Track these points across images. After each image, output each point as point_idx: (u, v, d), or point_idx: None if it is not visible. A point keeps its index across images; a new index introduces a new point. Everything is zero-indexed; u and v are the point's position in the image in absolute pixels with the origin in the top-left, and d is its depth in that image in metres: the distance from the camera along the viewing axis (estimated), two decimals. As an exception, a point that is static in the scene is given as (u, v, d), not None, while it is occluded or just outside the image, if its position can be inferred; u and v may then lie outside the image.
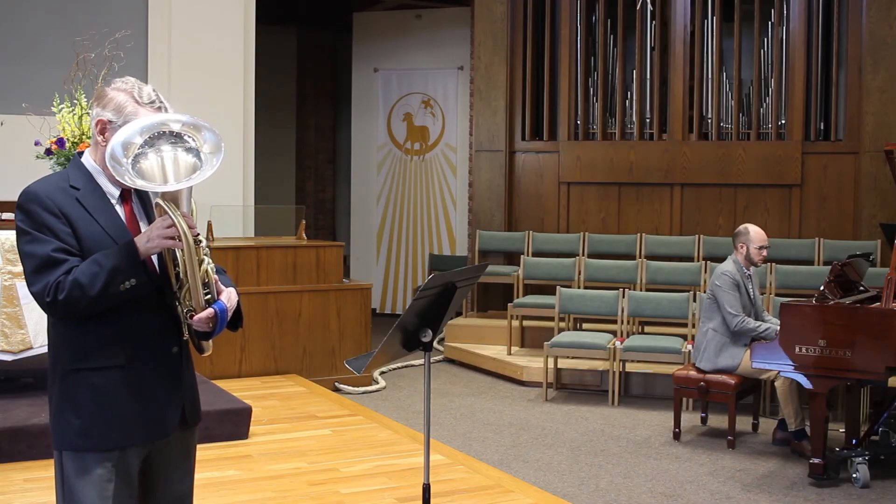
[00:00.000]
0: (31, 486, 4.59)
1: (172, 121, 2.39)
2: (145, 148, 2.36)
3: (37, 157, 6.13)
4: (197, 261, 2.38)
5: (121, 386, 2.43)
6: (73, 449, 2.42)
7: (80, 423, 2.41)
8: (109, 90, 2.49)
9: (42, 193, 2.39)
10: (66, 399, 2.42)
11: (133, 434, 2.45)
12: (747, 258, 6.09)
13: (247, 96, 8.69)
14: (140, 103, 2.47)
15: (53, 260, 2.34)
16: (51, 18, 8.03)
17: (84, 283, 2.31)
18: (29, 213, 2.38)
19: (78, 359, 2.41)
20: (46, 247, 2.35)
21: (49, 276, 2.33)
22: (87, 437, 2.41)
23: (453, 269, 3.11)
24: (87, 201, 2.43)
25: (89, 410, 2.41)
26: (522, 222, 9.40)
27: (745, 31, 8.81)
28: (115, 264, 2.34)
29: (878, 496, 5.07)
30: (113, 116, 2.45)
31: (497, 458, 5.68)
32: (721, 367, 6.03)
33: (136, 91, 2.48)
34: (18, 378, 5.68)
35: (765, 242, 6.09)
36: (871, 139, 8.27)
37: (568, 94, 9.24)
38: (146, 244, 2.37)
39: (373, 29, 11.62)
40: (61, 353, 2.44)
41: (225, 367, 7.06)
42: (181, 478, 2.60)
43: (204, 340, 2.58)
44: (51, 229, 2.36)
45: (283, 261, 7.39)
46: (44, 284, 2.33)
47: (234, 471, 4.93)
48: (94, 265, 2.34)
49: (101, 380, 2.42)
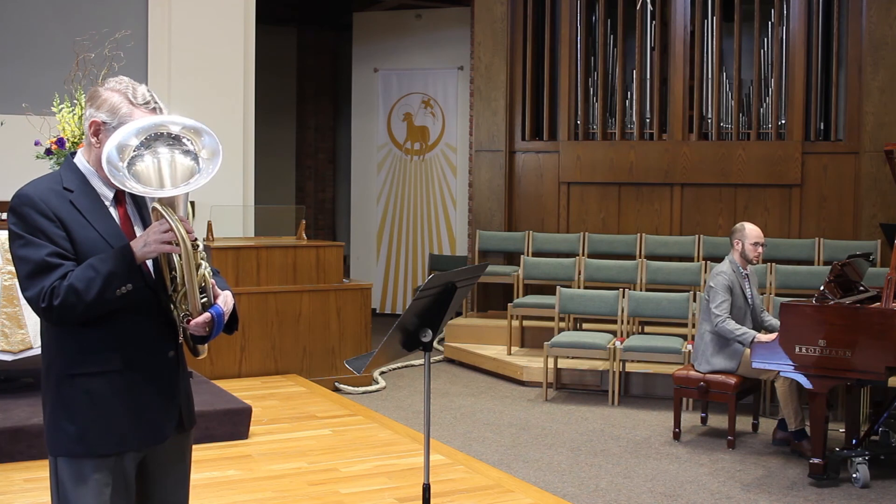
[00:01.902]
0: (31, 486, 4.59)
1: (171, 123, 2.36)
2: (141, 150, 2.32)
3: (37, 157, 6.13)
4: (195, 265, 2.36)
5: (117, 391, 2.40)
6: (68, 455, 2.38)
7: (76, 429, 2.37)
8: (103, 91, 2.45)
9: (35, 196, 2.35)
10: (61, 405, 2.39)
11: (130, 439, 2.42)
12: (743, 255, 6.08)
13: (247, 96, 8.69)
14: (135, 104, 2.43)
15: (48, 264, 2.30)
16: (51, 18, 8.03)
17: (80, 289, 2.28)
18: (22, 217, 2.33)
19: (73, 364, 2.38)
20: (41, 251, 2.31)
21: (43, 281, 2.29)
22: (83, 442, 2.38)
23: (453, 269, 3.11)
24: (81, 204, 2.39)
25: (85, 416, 2.38)
26: (522, 222, 9.40)
27: (745, 31, 8.81)
28: (112, 269, 2.30)
29: (878, 496, 5.07)
30: (107, 118, 2.41)
31: (497, 458, 5.68)
32: (717, 369, 6.03)
33: (130, 92, 2.44)
34: (18, 378, 5.68)
35: (760, 239, 6.08)
36: (871, 139, 8.27)
37: (568, 94, 9.24)
38: (143, 249, 2.33)
39: (373, 29, 11.62)
40: (55, 357, 2.40)
41: (225, 367, 7.07)
42: (176, 482, 2.59)
43: (200, 344, 2.57)
44: (45, 233, 2.32)
45: (283, 261, 7.39)
46: (38, 289, 2.29)
47: (234, 471, 4.93)
48: (90, 270, 2.30)
49: (96, 385, 2.38)
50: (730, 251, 6.16)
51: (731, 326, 5.88)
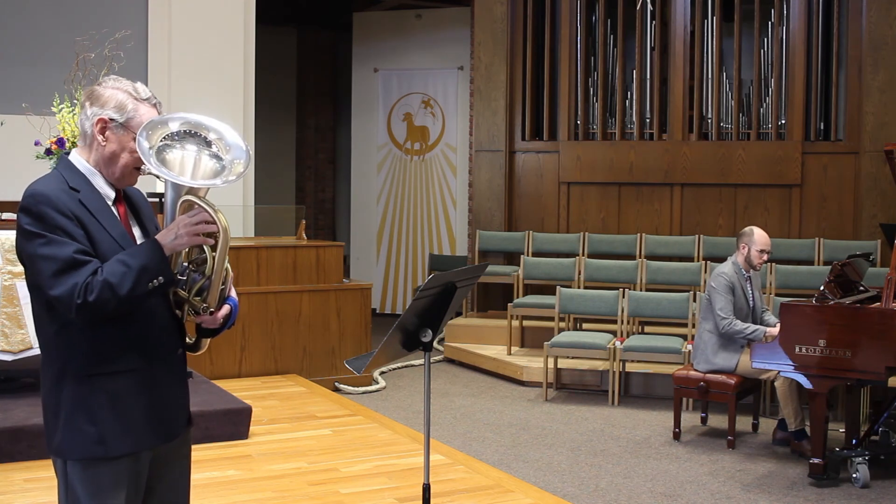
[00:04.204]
0: (31, 486, 4.59)
1: (213, 130, 2.40)
2: (174, 140, 2.34)
3: (37, 157, 6.13)
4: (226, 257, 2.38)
5: (135, 390, 2.39)
6: (88, 456, 2.35)
7: (96, 430, 2.34)
8: (106, 89, 2.44)
9: (51, 194, 2.31)
10: (79, 406, 2.35)
11: (147, 438, 2.42)
12: (747, 260, 6.09)
13: (247, 96, 8.69)
14: (139, 100, 2.44)
15: (77, 261, 2.27)
16: (51, 18, 8.03)
17: (114, 283, 2.25)
18: (40, 215, 2.29)
19: (91, 363, 2.35)
20: (67, 248, 2.27)
21: (76, 277, 2.25)
22: (104, 443, 2.35)
23: (453, 269, 3.11)
24: (90, 203, 2.38)
25: (105, 417, 2.35)
26: (522, 222, 9.40)
27: (745, 31, 8.81)
28: (143, 263, 2.28)
29: (878, 496, 5.07)
30: (115, 114, 2.41)
31: (497, 458, 5.68)
32: (716, 369, 6.03)
33: (132, 89, 2.45)
34: (18, 378, 5.68)
35: (766, 247, 6.08)
36: (871, 139, 8.27)
37: (568, 94, 9.24)
38: (174, 241, 2.33)
39: (373, 29, 11.62)
40: (70, 358, 2.35)
41: (225, 367, 7.06)
42: (180, 477, 2.59)
43: (207, 338, 2.57)
44: (66, 231, 2.29)
45: (283, 261, 7.39)
46: (70, 286, 2.24)
47: (234, 471, 4.93)
48: (121, 265, 2.28)
49: (116, 385, 2.37)
50: (734, 252, 6.16)
51: (740, 326, 5.90)
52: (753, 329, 5.89)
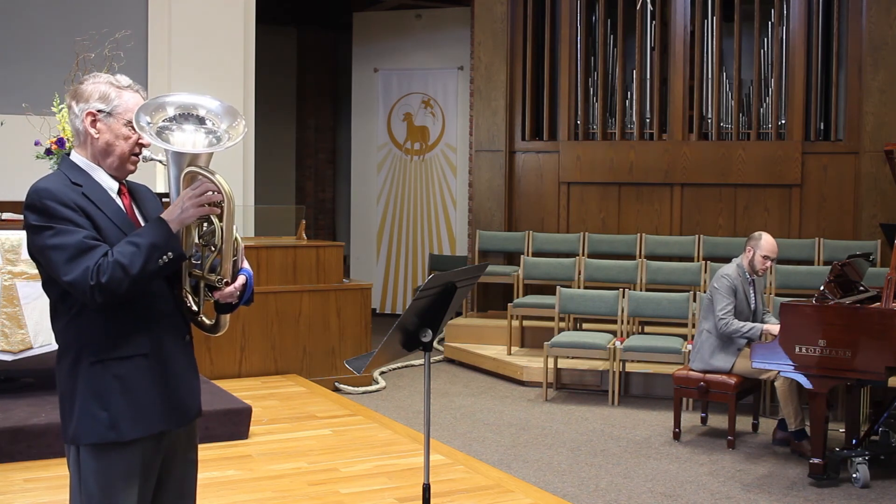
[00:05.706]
0: (32, 486, 4.59)
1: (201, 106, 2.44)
2: (171, 122, 2.39)
3: (37, 157, 6.13)
4: (233, 225, 2.41)
5: (146, 375, 2.44)
6: (100, 441, 2.40)
7: (108, 415, 2.39)
8: (87, 85, 2.51)
9: (54, 189, 2.38)
10: (92, 392, 2.40)
11: (158, 422, 2.46)
12: (751, 264, 6.09)
13: (247, 96, 8.69)
14: (121, 87, 2.51)
15: (87, 245, 2.33)
16: (51, 19, 8.03)
17: (125, 263, 2.30)
18: (45, 210, 2.35)
19: (102, 350, 2.40)
20: (76, 235, 2.34)
21: (87, 260, 2.31)
22: (116, 427, 2.40)
23: (453, 269, 3.11)
24: (94, 195, 2.44)
25: (118, 401, 2.40)
26: (522, 222, 9.40)
27: (745, 31, 8.81)
28: (152, 241, 2.34)
29: (878, 496, 5.07)
30: (101, 105, 2.48)
31: (497, 458, 5.68)
32: (713, 369, 6.03)
33: (111, 79, 2.52)
34: (18, 378, 5.69)
35: (772, 253, 6.08)
36: (871, 139, 8.27)
37: (568, 94, 9.24)
38: (180, 215, 2.38)
39: (373, 29, 11.62)
40: (83, 346, 2.41)
41: (225, 367, 7.06)
42: (187, 467, 2.61)
43: (226, 314, 2.59)
44: (72, 221, 2.35)
45: (283, 261, 7.39)
46: (83, 269, 2.30)
47: (234, 471, 4.93)
48: (130, 245, 2.34)
49: (126, 370, 2.42)
50: (741, 255, 6.16)
51: (736, 325, 5.90)
52: (750, 327, 5.90)
